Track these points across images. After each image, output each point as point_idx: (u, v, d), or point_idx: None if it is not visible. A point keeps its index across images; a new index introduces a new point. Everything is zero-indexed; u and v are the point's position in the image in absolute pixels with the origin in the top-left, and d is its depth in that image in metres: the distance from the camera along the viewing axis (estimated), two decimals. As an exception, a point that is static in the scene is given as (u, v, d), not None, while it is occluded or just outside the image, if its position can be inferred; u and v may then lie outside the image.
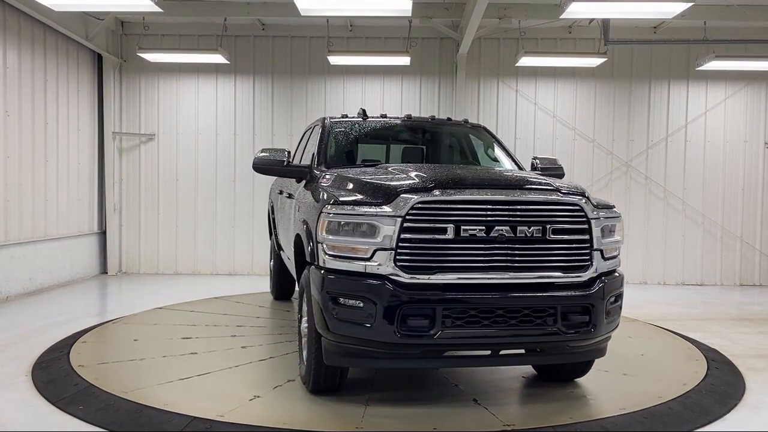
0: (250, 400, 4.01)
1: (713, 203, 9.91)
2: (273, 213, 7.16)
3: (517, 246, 3.60)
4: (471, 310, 3.53)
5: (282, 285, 7.34)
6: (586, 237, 3.73)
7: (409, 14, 7.29)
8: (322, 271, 3.69)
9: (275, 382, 4.38)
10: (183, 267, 10.04)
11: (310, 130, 6.11)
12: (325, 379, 3.98)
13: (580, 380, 4.53)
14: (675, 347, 5.67)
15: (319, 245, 3.71)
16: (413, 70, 9.75)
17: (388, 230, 3.48)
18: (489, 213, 3.58)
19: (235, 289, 8.29)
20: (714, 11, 8.72)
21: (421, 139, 5.88)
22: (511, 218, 3.59)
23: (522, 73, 9.82)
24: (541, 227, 3.61)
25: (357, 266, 3.56)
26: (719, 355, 5.39)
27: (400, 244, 3.49)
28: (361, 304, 3.51)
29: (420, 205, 3.52)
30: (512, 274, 3.61)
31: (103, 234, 9.93)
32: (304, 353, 4.19)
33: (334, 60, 9.21)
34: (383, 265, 3.50)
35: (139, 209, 10.06)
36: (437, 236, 3.52)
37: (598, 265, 3.79)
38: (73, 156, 9.13)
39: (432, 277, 3.52)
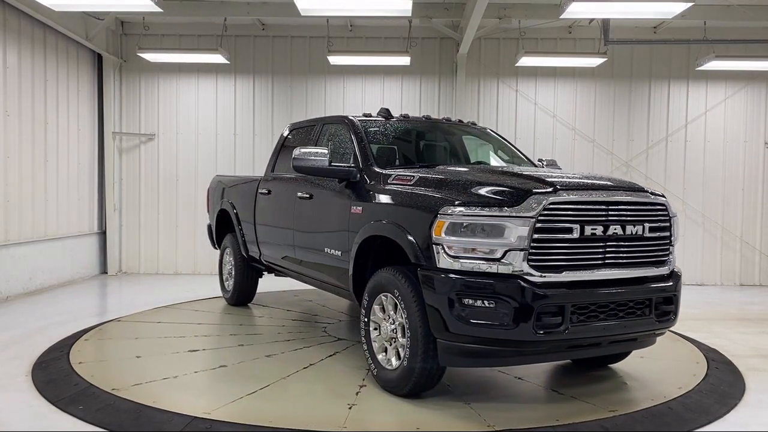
0: (349, 408, 3.87)
1: (713, 203, 9.91)
2: (235, 209, 6.88)
3: (623, 244, 3.84)
4: (592, 306, 3.70)
5: (244, 291, 7.06)
6: (668, 234, 4.06)
7: (409, 14, 7.30)
8: (435, 272, 3.69)
9: (350, 389, 4.23)
10: (183, 267, 10.05)
11: (316, 128, 5.91)
12: (427, 381, 3.97)
13: (614, 366, 4.86)
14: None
15: (436, 247, 3.71)
16: (413, 70, 9.75)
17: (522, 231, 3.55)
18: (606, 213, 3.78)
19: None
20: (714, 11, 8.72)
21: (453, 140, 5.88)
22: (622, 218, 3.83)
23: (522, 73, 9.82)
24: (642, 226, 3.89)
25: (486, 266, 3.59)
26: (719, 355, 5.39)
27: (532, 243, 3.56)
28: (494, 304, 3.53)
29: (552, 206, 3.62)
30: (621, 270, 3.85)
31: (103, 234, 9.93)
32: (385, 356, 4.19)
33: (334, 60, 9.21)
34: (516, 264, 3.56)
35: (139, 209, 10.06)
36: (564, 236, 3.65)
37: (673, 259, 4.14)
38: (73, 156, 9.13)
39: (561, 275, 3.64)
